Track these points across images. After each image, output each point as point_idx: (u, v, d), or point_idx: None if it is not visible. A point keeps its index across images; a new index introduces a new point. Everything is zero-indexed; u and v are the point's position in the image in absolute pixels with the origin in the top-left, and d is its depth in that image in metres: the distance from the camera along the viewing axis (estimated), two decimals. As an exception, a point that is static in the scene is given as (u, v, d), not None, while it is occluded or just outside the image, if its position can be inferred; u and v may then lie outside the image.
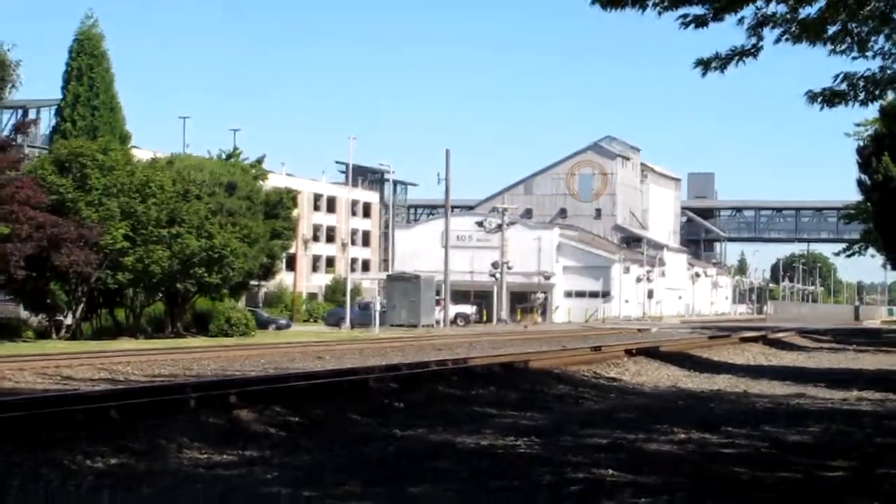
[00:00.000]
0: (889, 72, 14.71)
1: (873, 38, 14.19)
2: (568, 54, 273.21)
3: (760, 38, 13.53)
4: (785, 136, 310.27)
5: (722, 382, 24.53)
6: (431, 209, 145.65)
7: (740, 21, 13.47)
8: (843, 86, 14.77)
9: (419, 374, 21.17)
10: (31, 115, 68.13)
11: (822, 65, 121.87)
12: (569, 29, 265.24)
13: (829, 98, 14.75)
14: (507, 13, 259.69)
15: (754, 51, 13.70)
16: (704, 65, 14.03)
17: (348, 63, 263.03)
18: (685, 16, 13.37)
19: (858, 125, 59.61)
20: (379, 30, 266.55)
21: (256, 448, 12.44)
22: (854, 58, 14.10)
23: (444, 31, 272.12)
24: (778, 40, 13.45)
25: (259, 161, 60.23)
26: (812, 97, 14.84)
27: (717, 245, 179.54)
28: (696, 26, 13.45)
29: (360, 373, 21.21)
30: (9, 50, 43.87)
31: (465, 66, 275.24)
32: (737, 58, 13.82)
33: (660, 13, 13.30)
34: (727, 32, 14.10)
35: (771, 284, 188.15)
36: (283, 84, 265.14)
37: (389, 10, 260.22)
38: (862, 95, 14.85)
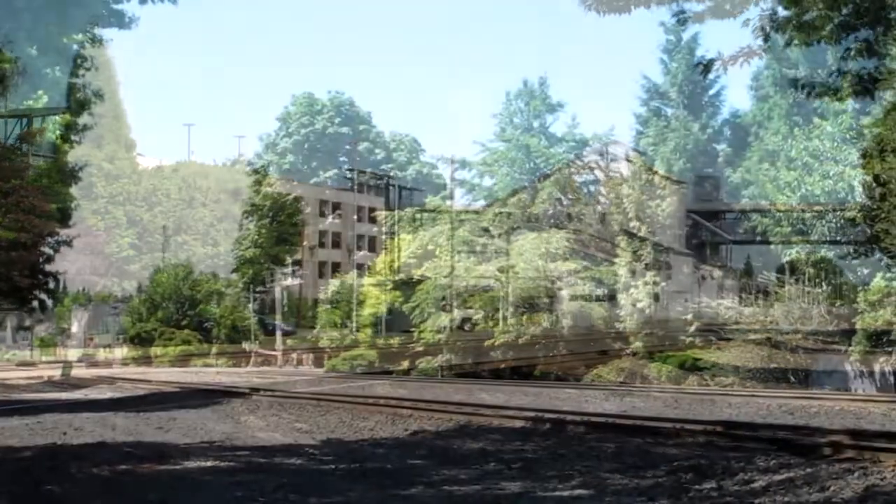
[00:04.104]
0: (882, 70, 14.63)
1: (881, 41, 14.09)
2: (573, 54, 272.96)
3: (767, 39, 13.40)
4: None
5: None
6: (437, 214, 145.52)
7: (746, 23, 13.31)
8: (842, 83, 14.69)
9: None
10: (36, 123, 68.29)
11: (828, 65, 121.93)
12: (576, 28, 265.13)
13: (820, 92, 14.64)
14: (511, 14, 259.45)
15: (760, 52, 13.54)
16: (705, 67, 13.83)
17: (353, 70, 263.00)
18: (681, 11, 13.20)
19: (863, 126, 59.41)
20: (386, 36, 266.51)
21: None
22: (846, 57, 14.01)
23: (458, 36, 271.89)
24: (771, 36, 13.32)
25: (264, 167, 60.25)
26: (802, 86, 14.72)
27: (723, 248, 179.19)
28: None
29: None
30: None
31: (477, 69, 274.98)
32: (741, 59, 13.63)
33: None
34: (726, 31, 14.01)
35: (777, 287, 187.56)
36: (287, 90, 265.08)
37: (395, 18, 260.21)
38: (856, 90, 14.74)
